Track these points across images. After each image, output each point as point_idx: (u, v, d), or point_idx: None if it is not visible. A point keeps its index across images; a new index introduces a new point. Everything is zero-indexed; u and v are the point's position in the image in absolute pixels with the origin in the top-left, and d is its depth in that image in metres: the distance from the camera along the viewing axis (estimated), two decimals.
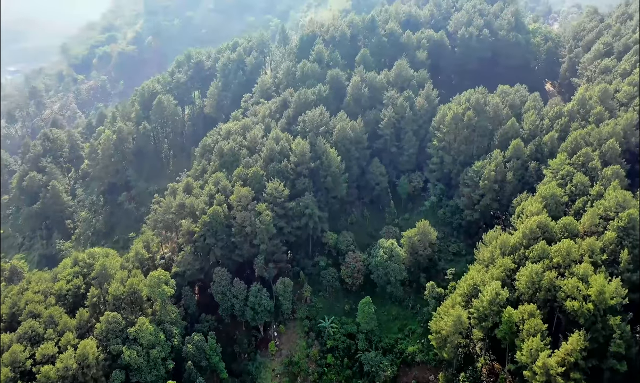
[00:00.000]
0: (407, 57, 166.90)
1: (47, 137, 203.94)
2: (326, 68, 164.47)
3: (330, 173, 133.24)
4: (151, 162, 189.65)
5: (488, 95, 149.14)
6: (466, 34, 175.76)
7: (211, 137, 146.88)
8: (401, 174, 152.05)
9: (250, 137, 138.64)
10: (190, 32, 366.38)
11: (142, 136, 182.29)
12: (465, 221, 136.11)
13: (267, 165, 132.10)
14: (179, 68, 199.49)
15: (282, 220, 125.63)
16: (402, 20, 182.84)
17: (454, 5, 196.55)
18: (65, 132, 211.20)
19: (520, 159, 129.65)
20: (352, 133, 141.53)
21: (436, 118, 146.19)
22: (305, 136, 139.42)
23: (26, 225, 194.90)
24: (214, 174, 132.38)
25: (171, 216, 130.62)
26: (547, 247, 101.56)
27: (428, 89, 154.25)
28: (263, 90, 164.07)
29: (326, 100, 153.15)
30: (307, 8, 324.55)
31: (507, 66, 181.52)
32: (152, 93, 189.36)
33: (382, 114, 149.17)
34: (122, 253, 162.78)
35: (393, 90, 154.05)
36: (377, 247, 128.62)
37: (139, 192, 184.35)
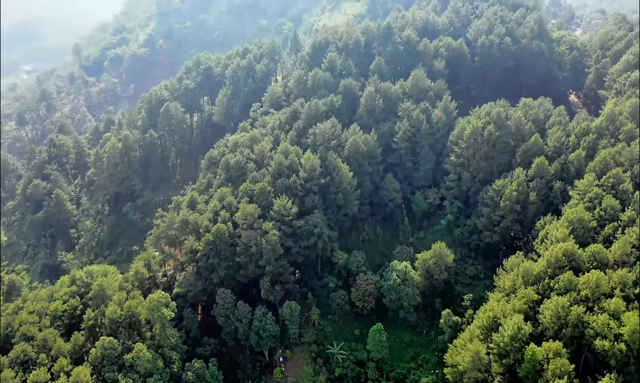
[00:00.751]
0: (424, 67, 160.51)
1: (53, 143, 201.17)
2: (339, 77, 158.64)
3: (342, 190, 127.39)
4: (158, 171, 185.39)
5: (510, 108, 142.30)
6: (487, 42, 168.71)
7: (218, 149, 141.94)
8: (416, 190, 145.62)
9: (258, 150, 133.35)
10: (203, 35, 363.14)
11: (149, 144, 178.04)
12: (484, 242, 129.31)
13: (275, 180, 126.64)
14: (188, 74, 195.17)
15: (290, 239, 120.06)
16: (419, 27, 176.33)
17: (474, 11, 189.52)
18: (71, 138, 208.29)
19: (544, 179, 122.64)
20: (365, 147, 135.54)
21: (454, 132, 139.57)
22: (315, 150, 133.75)
23: (30, 233, 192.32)
24: (219, 189, 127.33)
25: (174, 232, 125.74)
26: (574, 278, 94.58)
27: (446, 100, 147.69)
28: (273, 100, 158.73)
29: (338, 111, 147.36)
30: (321, 12, 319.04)
31: (530, 76, 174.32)
32: (159, 100, 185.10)
33: (397, 127, 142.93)
34: (125, 266, 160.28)
35: (409, 101, 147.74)
36: (390, 270, 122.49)
37: (144, 202, 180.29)
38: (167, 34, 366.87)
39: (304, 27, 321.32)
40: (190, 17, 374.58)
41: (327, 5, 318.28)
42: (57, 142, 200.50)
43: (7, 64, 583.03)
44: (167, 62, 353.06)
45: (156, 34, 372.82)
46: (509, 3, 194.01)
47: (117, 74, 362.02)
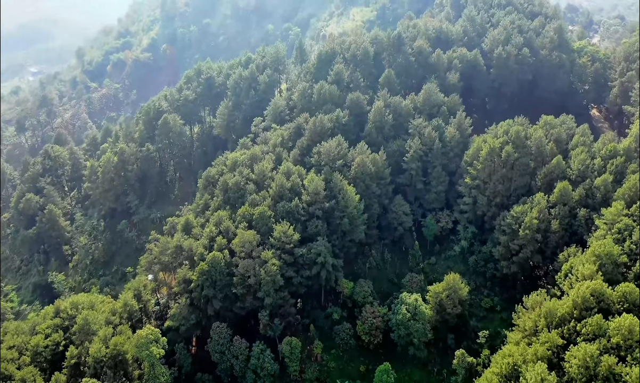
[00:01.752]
0: (436, 80, 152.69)
1: (48, 155, 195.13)
2: (346, 90, 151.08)
3: (347, 214, 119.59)
4: (155, 186, 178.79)
5: (529, 126, 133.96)
6: (503, 54, 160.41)
7: (216, 167, 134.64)
8: (427, 212, 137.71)
9: (258, 169, 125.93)
10: (207, 39, 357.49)
11: (146, 158, 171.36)
12: (501, 272, 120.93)
13: (276, 203, 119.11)
14: (188, 84, 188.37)
15: (291, 268, 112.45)
16: (432, 37, 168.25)
17: (490, 20, 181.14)
18: (67, 149, 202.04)
19: (567, 205, 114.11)
20: (373, 167, 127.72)
21: (469, 151, 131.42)
22: (319, 170, 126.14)
23: (23, 249, 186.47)
24: (216, 212, 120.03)
25: (167, 258, 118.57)
26: (603, 323, 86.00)
27: (460, 117, 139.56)
28: (275, 114, 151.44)
29: (345, 127, 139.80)
30: (329, 17, 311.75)
31: (549, 90, 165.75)
32: (157, 111, 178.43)
33: (408, 145, 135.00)
34: (119, 288, 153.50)
35: (420, 117, 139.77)
36: (399, 302, 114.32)
37: (141, 218, 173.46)
38: (170, 39, 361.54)
39: (311, 32, 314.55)
40: (194, 21, 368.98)
41: (335, 10, 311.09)
42: (52, 153, 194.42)
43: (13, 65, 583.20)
44: (170, 67, 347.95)
45: (160, 39, 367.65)
46: (526, 11, 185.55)
47: (120, 79, 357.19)
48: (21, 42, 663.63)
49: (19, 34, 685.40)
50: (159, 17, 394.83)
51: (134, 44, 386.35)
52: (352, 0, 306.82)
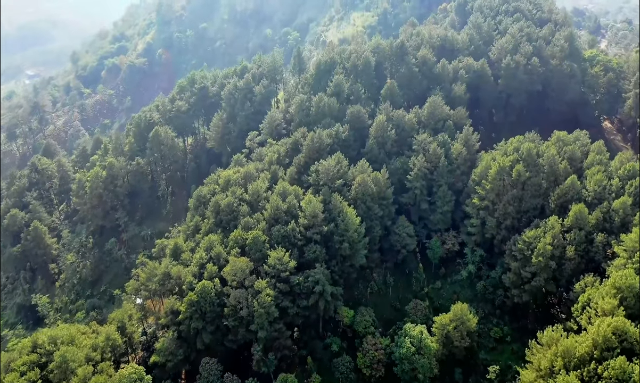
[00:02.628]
0: (441, 91, 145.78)
1: (35, 168, 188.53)
2: (346, 103, 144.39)
3: (347, 238, 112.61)
4: (146, 202, 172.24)
5: (541, 142, 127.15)
6: (512, 64, 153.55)
7: (208, 186, 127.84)
8: (432, 233, 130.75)
9: (253, 189, 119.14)
10: (204, 44, 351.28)
11: (136, 173, 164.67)
12: (511, 300, 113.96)
13: (271, 227, 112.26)
14: (181, 93, 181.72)
15: (287, 298, 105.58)
16: (436, 46, 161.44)
17: (497, 27, 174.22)
18: (55, 161, 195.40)
19: (583, 230, 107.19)
20: (375, 187, 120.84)
21: (477, 170, 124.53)
22: (318, 190, 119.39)
23: (9, 266, 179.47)
24: (207, 236, 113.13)
25: (154, 286, 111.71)
26: (627, 366, 79.12)
27: (467, 132, 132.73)
28: (272, 128, 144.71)
29: (345, 143, 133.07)
30: (329, 21, 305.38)
31: (560, 101, 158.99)
32: (148, 123, 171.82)
33: (412, 162, 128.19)
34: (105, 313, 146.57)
35: (425, 132, 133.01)
36: (403, 334, 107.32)
37: (130, 236, 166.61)
38: (166, 43, 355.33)
39: (310, 37, 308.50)
40: (191, 25, 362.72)
41: (335, 15, 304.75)
42: (40, 166, 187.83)
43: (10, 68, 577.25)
44: (166, 73, 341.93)
45: (155, 43, 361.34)
46: (535, 17, 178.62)
47: (114, 85, 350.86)
48: (20, 43, 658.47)
49: (18, 36, 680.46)
50: (155, 21, 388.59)
51: (130, 49, 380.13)
52: (353, 5, 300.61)
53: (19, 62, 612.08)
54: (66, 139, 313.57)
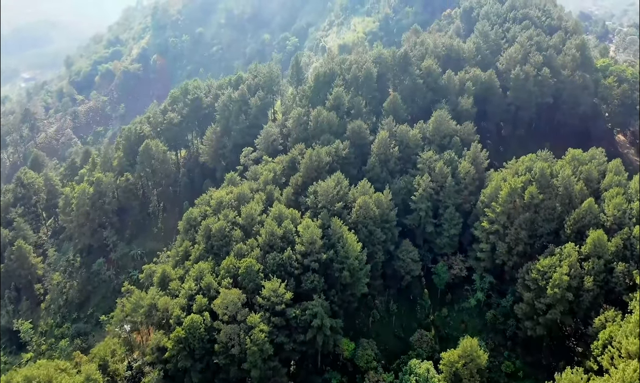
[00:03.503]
0: (447, 105, 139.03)
1: (21, 182, 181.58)
2: (346, 117, 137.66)
3: (348, 266, 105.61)
4: (136, 219, 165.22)
5: (554, 161, 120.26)
6: (521, 74, 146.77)
7: (199, 208, 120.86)
8: (438, 257, 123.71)
9: (246, 212, 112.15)
10: (200, 49, 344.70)
11: (125, 189, 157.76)
12: (524, 332, 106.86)
13: (266, 254, 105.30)
14: (174, 104, 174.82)
15: (282, 333, 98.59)
16: (442, 56, 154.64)
17: (504, 35, 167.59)
18: (42, 175, 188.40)
19: (602, 258, 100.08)
20: (377, 209, 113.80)
21: (486, 190, 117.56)
22: (316, 214, 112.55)
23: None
24: (197, 264, 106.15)
25: (140, 318, 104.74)
26: None
27: (475, 149, 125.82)
28: (268, 143, 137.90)
29: (345, 160, 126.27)
30: (329, 26, 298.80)
31: (572, 114, 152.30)
32: (139, 136, 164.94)
33: (416, 182, 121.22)
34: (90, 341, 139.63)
35: (430, 150, 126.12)
36: (408, 371, 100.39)
37: (120, 255, 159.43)
38: (162, 48, 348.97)
39: (310, 43, 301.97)
40: (187, 30, 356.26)
41: (335, 20, 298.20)
42: (26, 180, 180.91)
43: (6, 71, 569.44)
44: (160, 79, 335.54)
45: (150, 48, 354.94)
46: (544, 25, 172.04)
47: (108, 92, 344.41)
48: (18, 45, 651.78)
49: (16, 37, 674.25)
50: (150, 25, 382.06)
51: (124, 54, 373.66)
52: (353, 9, 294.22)
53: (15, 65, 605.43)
54: (58, 147, 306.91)
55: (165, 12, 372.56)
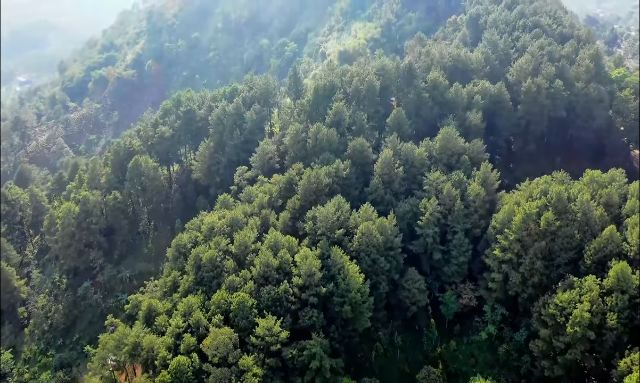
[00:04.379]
0: (455, 120, 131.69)
1: (5, 199, 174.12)
2: (347, 133, 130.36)
3: (349, 300, 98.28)
4: (125, 238, 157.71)
5: (570, 182, 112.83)
6: (533, 87, 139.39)
7: (189, 234, 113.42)
8: (446, 286, 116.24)
9: (240, 240, 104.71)
10: (196, 55, 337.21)
11: (113, 208, 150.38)
12: (540, 371, 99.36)
13: (260, 287, 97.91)
14: (165, 117, 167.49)
15: (278, 375, 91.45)
16: (448, 67, 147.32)
17: (514, 44, 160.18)
18: (27, 191, 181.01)
19: (627, 294, 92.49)
20: (381, 236, 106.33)
21: (498, 215, 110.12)
22: (315, 242, 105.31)
23: None
24: (185, 298, 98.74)
25: (123, 357, 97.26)
26: None
27: (486, 169, 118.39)
28: (263, 161, 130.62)
29: (346, 181, 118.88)
30: (329, 31, 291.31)
31: (586, 128, 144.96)
32: (128, 151, 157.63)
33: (422, 205, 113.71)
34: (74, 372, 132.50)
35: (437, 170, 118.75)
36: None
37: (108, 278, 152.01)
38: (157, 54, 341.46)
39: (309, 49, 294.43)
40: (183, 35, 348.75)
41: (335, 25, 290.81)
42: (10, 196, 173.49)
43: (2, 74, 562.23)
44: (156, 85, 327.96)
45: (145, 54, 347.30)
46: (555, 33, 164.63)
47: (101, 98, 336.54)
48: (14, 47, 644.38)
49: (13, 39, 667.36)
50: (145, 30, 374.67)
51: (119, 59, 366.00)
52: (354, 14, 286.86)
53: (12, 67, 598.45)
54: (49, 156, 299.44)
55: (160, 16, 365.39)
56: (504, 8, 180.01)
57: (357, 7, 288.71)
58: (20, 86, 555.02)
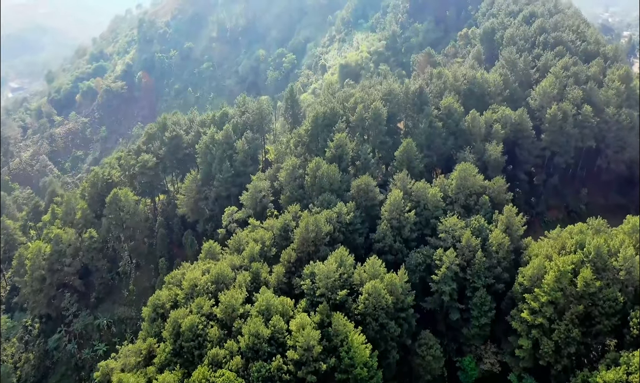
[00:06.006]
0: (472, 153, 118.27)
1: None
2: (350, 168, 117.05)
3: (354, 377, 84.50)
4: (103, 280, 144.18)
5: (610, 231, 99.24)
6: (559, 114, 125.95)
7: (167, 291, 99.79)
8: (465, 349, 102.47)
9: (226, 302, 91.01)
10: (189, 66, 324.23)
11: (89, 248, 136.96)
12: None
13: (249, 362, 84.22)
14: (149, 143, 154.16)
15: None
16: (463, 90, 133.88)
17: (534, 63, 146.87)
18: None
19: None
20: (391, 297, 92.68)
21: (526, 270, 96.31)
22: (313, 303, 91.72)
23: None
24: (161, 375, 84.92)
25: None
26: None
27: (509, 213, 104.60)
28: (255, 201, 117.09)
29: (349, 227, 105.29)
30: (329, 42, 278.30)
31: (616, 159, 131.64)
32: (107, 183, 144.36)
33: (438, 257, 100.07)
34: None
35: (453, 214, 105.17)
36: None
37: (83, 325, 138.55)
38: (148, 65, 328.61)
39: (308, 60, 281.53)
40: (175, 44, 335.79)
41: (336, 35, 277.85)
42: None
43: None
44: (146, 99, 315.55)
45: (136, 65, 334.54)
46: (579, 50, 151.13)
47: (89, 112, 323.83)
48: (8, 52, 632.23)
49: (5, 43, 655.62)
50: (136, 38, 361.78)
51: (108, 69, 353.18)
52: (356, 24, 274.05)
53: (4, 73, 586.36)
54: (32, 175, 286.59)
55: (152, 25, 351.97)
56: (521, 22, 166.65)
57: (359, 16, 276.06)
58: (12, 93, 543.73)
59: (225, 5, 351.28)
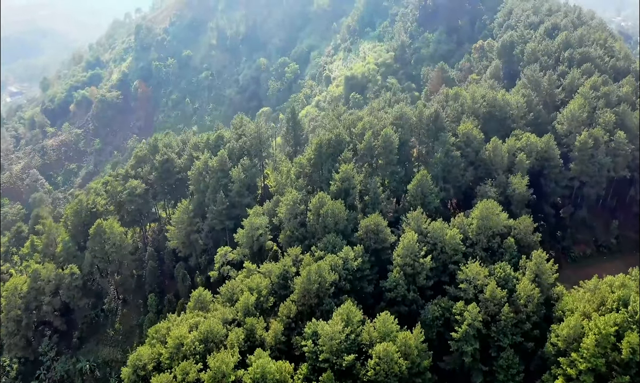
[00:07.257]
0: (494, 186, 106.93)
1: None
2: (358, 204, 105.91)
3: None
4: (86, 319, 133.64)
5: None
6: (590, 142, 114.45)
7: (149, 348, 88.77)
8: None
9: (215, 367, 79.90)
10: (188, 74, 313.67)
11: (70, 286, 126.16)
12: None
13: None
14: (138, 166, 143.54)
15: None
16: (482, 114, 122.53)
17: (560, 82, 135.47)
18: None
19: None
20: (405, 361, 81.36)
21: (561, 330, 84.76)
22: (316, 369, 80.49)
23: None
24: None
25: None
26: None
27: (539, 259, 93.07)
28: (252, 239, 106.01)
29: (357, 274, 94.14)
30: (334, 51, 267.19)
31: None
32: (90, 212, 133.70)
33: (458, 311, 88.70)
34: None
35: (475, 260, 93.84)
36: None
37: (64, 369, 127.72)
38: (144, 73, 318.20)
39: (312, 70, 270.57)
40: (173, 52, 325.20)
41: (341, 43, 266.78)
42: None
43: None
44: (142, 109, 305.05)
45: (132, 73, 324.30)
46: (608, 66, 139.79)
47: (83, 122, 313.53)
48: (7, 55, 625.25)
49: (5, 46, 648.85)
50: (133, 45, 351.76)
51: (104, 77, 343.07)
52: (362, 32, 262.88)
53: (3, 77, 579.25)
54: (22, 189, 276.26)
55: (149, 31, 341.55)
56: (543, 36, 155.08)
57: (366, 25, 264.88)
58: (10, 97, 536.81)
59: (225, 11, 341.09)
